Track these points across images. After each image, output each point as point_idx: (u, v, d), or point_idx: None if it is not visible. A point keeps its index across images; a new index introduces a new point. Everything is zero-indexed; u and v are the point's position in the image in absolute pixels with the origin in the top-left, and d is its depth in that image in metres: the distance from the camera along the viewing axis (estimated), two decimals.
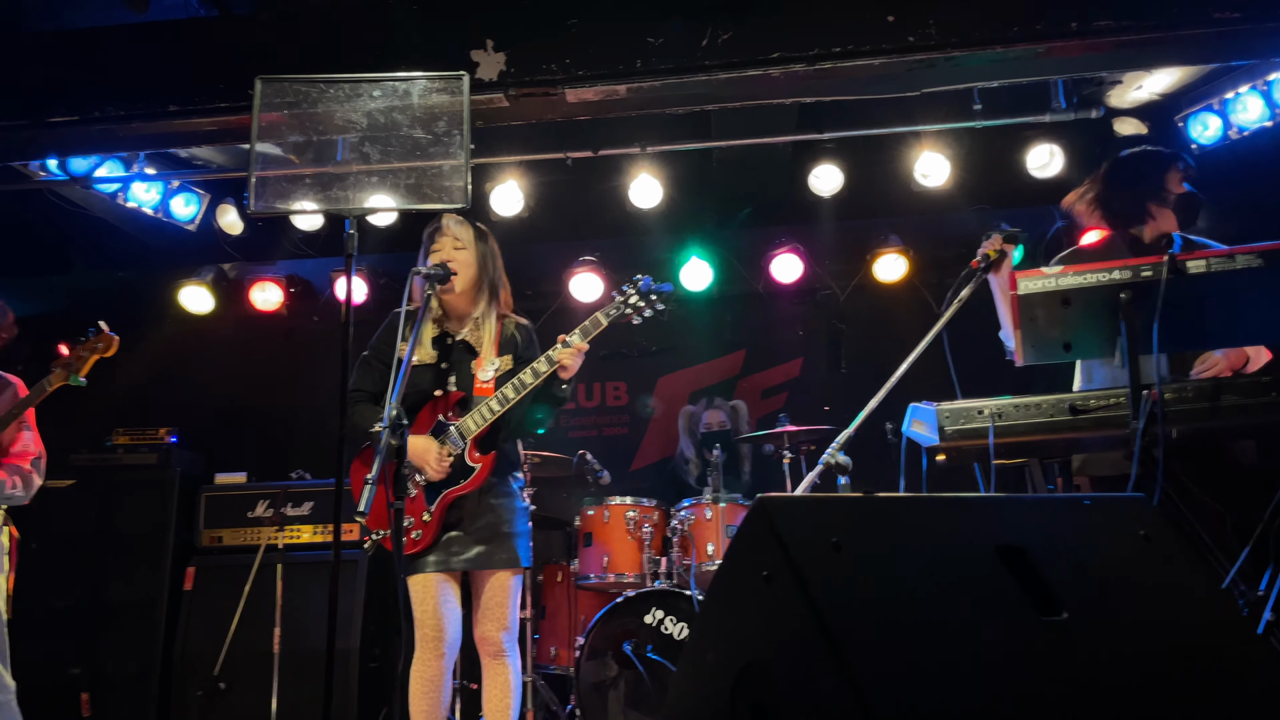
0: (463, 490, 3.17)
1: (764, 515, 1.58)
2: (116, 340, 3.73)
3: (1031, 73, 3.89)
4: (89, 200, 5.41)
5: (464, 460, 3.18)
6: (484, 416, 3.15)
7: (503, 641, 3.17)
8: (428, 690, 3.16)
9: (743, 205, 6.02)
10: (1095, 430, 2.67)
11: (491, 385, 3.20)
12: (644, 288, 3.23)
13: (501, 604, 3.18)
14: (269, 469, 5.51)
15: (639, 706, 4.20)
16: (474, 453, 3.18)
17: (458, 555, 3.17)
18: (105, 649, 4.95)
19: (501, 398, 3.14)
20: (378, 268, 6.12)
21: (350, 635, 4.87)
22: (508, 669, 3.19)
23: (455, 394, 3.25)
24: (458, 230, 3.28)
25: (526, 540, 3.30)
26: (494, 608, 3.17)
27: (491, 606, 3.17)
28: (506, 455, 3.31)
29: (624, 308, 3.24)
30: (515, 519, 3.26)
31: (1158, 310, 2.53)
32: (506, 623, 3.19)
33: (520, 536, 3.25)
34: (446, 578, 3.21)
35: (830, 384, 6.24)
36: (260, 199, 2.86)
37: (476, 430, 3.16)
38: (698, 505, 4.64)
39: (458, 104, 2.86)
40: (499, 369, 3.24)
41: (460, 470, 3.18)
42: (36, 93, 3.95)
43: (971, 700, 1.43)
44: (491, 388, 3.19)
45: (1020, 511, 1.82)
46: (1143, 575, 1.76)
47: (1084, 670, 1.56)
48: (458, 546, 3.18)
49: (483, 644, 3.19)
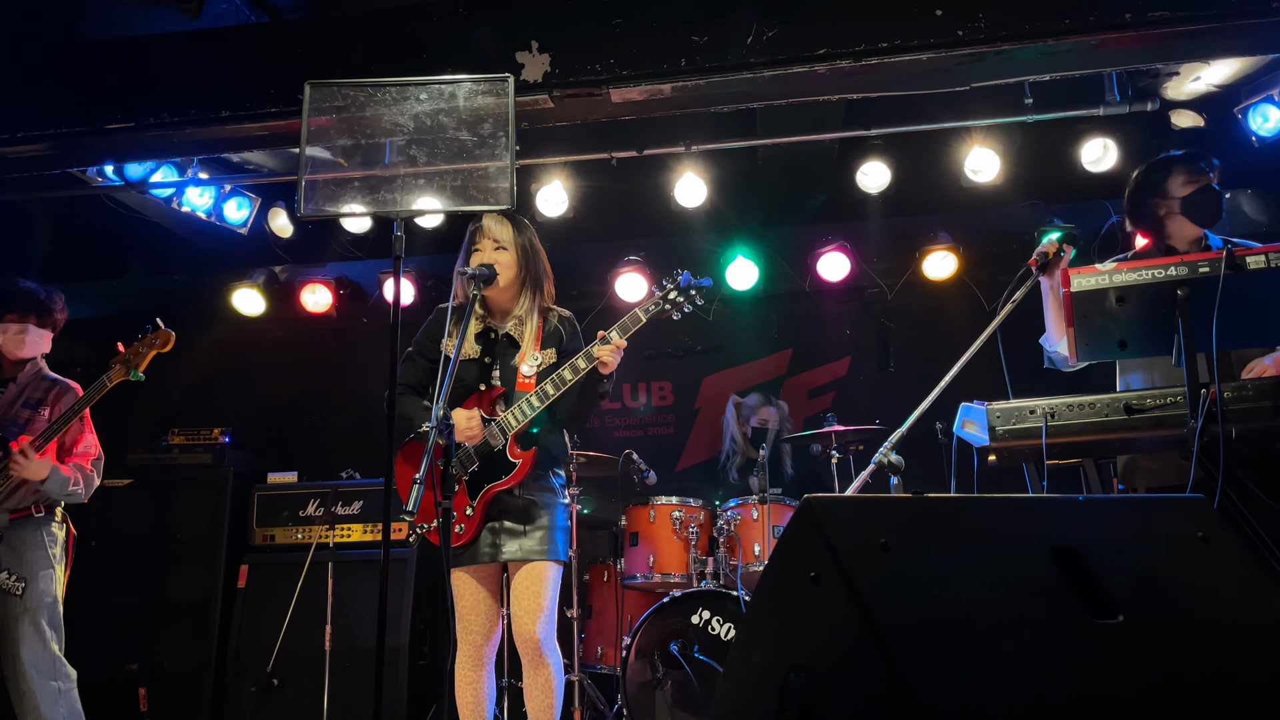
0: (504, 485, 3.18)
1: (811, 516, 1.56)
2: (173, 336, 3.81)
3: (1084, 65, 3.81)
4: (144, 205, 5.53)
5: (505, 455, 3.19)
6: (524, 412, 3.16)
7: (539, 637, 3.14)
8: (471, 684, 3.19)
9: (788, 203, 5.98)
10: (1151, 430, 2.61)
11: (533, 381, 3.22)
12: (684, 283, 3.22)
13: (537, 596, 3.15)
14: (319, 468, 5.59)
15: (686, 707, 4.19)
16: (515, 448, 3.20)
17: (497, 549, 3.19)
18: (162, 645, 5.05)
19: (541, 394, 3.15)
20: (425, 269, 6.17)
21: (400, 633, 4.92)
22: (548, 668, 3.17)
23: (498, 389, 3.26)
24: (497, 230, 3.29)
25: (565, 535, 3.29)
26: (529, 599, 3.15)
27: (526, 599, 3.16)
28: (548, 451, 3.30)
29: (663, 303, 3.23)
30: (554, 513, 3.25)
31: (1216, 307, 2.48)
32: (542, 616, 3.16)
33: (558, 530, 3.25)
34: (487, 572, 3.23)
35: (878, 383, 6.17)
36: (310, 202, 2.89)
37: (517, 426, 3.17)
38: (744, 505, 4.62)
39: (503, 106, 2.87)
40: (541, 363, 3.26)
41: (501, 465, 3.19)
42: (93, 100, 4.05)
43: (1024, 704, 1.41)
44: (533, 383, 3.20)
45: (1073, 512, 1.78)
46: (1201, 577, 1.72)
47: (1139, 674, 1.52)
48: (498, 540, 3.19)
49: (520, 639, 3.17)
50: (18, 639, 3.60)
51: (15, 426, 3.76)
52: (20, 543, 3.70)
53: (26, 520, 3.74)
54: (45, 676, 3.62)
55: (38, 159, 4.27)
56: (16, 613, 3.63)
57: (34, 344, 3.91)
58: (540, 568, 3.18)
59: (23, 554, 3.69)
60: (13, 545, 3.69)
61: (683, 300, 3.23)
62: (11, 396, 3.86)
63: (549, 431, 3.32)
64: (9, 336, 3.87)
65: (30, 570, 3.67)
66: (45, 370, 3.98)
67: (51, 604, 3.71)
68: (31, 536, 3.73)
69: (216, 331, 6.24)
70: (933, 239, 5.75)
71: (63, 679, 3.68)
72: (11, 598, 3.64)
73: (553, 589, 3.21)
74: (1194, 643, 1.60)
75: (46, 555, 3.73)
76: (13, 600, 3.64)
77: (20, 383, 3.90)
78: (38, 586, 3.67)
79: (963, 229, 5.83)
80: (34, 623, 3.63)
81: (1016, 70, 3.77)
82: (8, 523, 3.71)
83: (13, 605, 3.64)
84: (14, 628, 3.62)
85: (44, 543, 3.74)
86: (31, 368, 3.94)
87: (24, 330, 3.87)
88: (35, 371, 3.94)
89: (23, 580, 3.65)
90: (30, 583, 3.66)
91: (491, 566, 3.24)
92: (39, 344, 3.94)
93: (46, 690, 3.60)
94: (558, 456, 3.38)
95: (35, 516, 3.75)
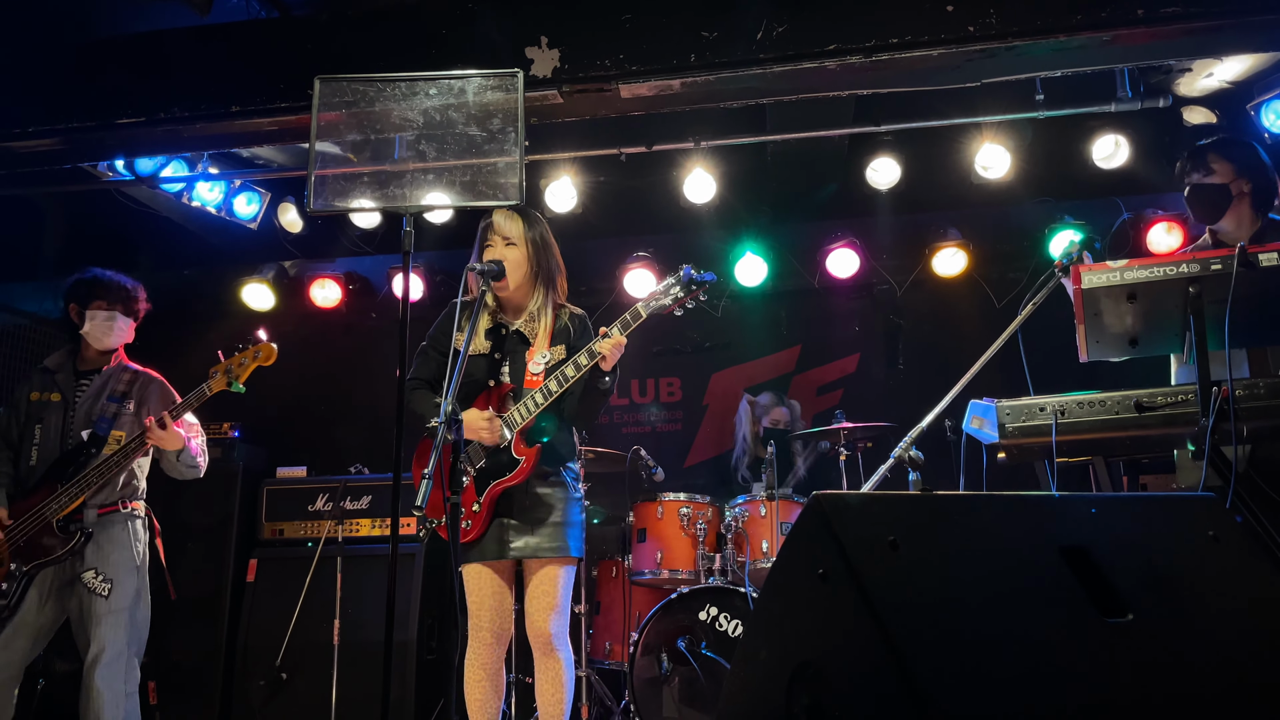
0: (509, 483, 3.18)
1: (820, 513, 1.56)
2: (275, 350, 3.77)
3: (1096, 62, 3.79)
4: (155, 200, 5.54)
5: (510, 453, 3.19)
6: (529, 409, 3.16)
7: (552, 633, 3.15)
8: (481, 680, 3.19)
9: (798, 200, 5.96)
10: (1163, 428, 2.60)
11: (541, 378, 3.22)
12: (685, 278, 3.22)
13: (550, 593, 3.16)
14: (328, 463, 5.60)
15: (693, 703, 4.19)
16: (519, 445, 3.20)
17: (508, 545, 3.18)
18: (171, 638, 5.06)
19: (545, 391, 3.16)
20: (434, 265, 6.18)
21: (408, 627, 4.92)
22: (559, 663, 3.17)
23: (506, 385, 3.27)
24: (508, 227, 3.29)
25: (579, 530, 3.29)
26: (542, 596, 3.16)
27: (539, 596, 3.16)
28: (554, 448, 3.30)
29: (664, 298, 3.23)
30: (567, 508, 3.25)
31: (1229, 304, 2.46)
32: (555, 613, 3.16)
33: (571, 526, 3.24)
34: (498, 568, 3.22)
35: (887, 381, 6.15)
36: (319, 197, 2.89)
37: (522, 423, 3.17)
38: (751, 502, 4.62)
39: (512, 101, 2.87)
40: (550, 360, 3.25)
41: (507, 462, 3.19)
42: (104, 95, 4.06)
43: (1032, 702, 1.40)
44: (541, 380, 3.20)
45: (1083, 511, 1.78)
46: (1211, 576, 1.71)
47: (1149, 673, 1.52)
48: (508, 536, 3.19)
49: (532, 635, 3.17)
50: (100, 639, 3.57)
51: (104, 421, 3.75)
52: (108, 542, 3.68)
53: (114, 516, 3.72)
54: (116, 680, 3.58)
55: (49, 153, 4.28)
56: (100, 613, 3.60)
57: (120, 333, 3.91)
58: (555, 567, 3.18)
59: (110, 554, 3.67)
60: (100, 544, 3.66)
61: (685, 296, 3.23)
62: (96, 389, 3.85)
63: (556, 429, 3.32)
64: (96, 324, 3.85)
65: (116, 571, 3.65)
66: (126, 362, 3.97)
67: (133, 605, 3.68)
68: (119, 535, 3.71)
69: (226, 326, 6.25)
70: (942, 236, 5.74)
71: (130, 684, 3.64)
72: (98, 598, 3.61)
73: (565, 585, 3.21)
74: (1205, 642, 1.59)
75: (132, 555, 3.72)
76: (98, 600, 3.61)
77: (104, 375, 3.88)
78: (122, 589, 3.65)
79: (973, 226, 5.81)
80: (118, 625, 3.60)
81: (1028, 66, 3.75)
82: (96, 519, 3.68)
83: (98, 606, 3.60)
84: (98, 628, 3.58)
85: (129, 542, 3.73)
86: (115, 359, 3.93)
87: (112, 318, 3.87)
88: (118, 364, 3.93)
89: (109, 581, 3.63)
90: (115, 584, 3.64)
91: (502, 563, 3.23)
92: (124, 333, 3.93)
93: (113, 693, 3.57)
94: (565, 454, 3.36)
95: (122, 512, 3.74)
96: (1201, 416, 2.48)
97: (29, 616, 3.62)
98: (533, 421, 3.19)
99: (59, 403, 3.81)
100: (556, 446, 3.31)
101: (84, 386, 3.86)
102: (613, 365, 3.17)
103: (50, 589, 3.66)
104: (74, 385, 3.86)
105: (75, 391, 3.84)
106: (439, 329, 3.42)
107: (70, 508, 3.61)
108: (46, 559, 3.59)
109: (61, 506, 3.59)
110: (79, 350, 3.93)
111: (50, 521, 3.59)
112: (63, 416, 3.79)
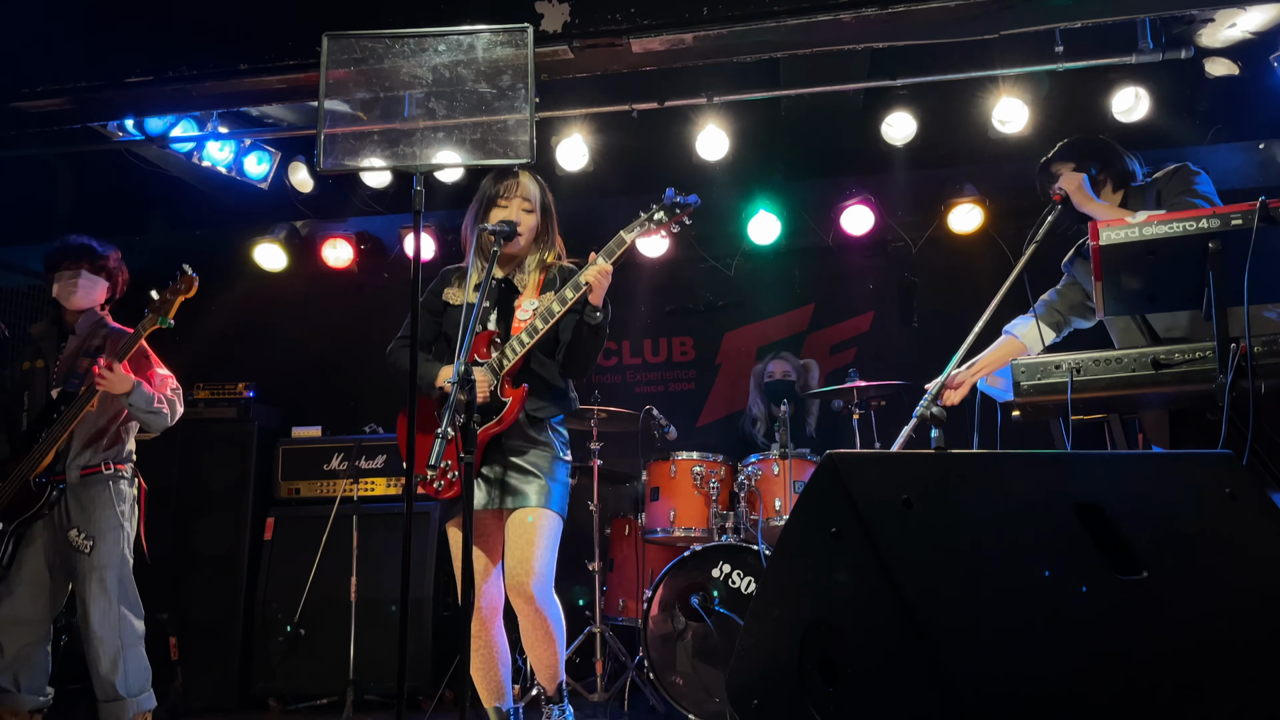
0: (497, 429, 3.11)
1: (833, 471, 1.56)
2: (197, 280, 3.81)
3: (1117, 11, 3.71)
4: (166, 160, 5.53)
5: (497, 396, 3.13)
6: (515, 351, 3.11)
7: (532, 590, 3.03)
8: (481, 641, 3.19)
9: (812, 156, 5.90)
10: (1179, 385, 2.58)
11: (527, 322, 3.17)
12: (668, 200, 3.17)
13: (529, 545, 3.05)
14: (342, 423, 5.63)
15: (707, 658, 4.23)
16: (506, 387, 3.14)
17: (490, 497, 3.13)
18: (191, 595, 5.15)
19: (531, 329, 3.10)
20: (445, 224, 6.16)
21: (424, 585, 4.98)
22: (544, 619, 3.09)
23: (492, 332, 3.22)
24: (531, 190, 3.27)
25: (563, 489, 3.20)
26: (520, 549, 3.05)
27: (518, 548, 3.06)
28: (545, 397, 3.23)
29: (648, 223, 3.18)
30: (553, 465, 3.18)
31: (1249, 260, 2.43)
32: (533, 567, 3.04)
33: (556, 483, 3.16)
34: (482, 523, 3.18)
35: (901, 339, 6.13)
36: (329, 156, 2.88)
37: (509, 365, 3.12)
38: (764, 460, 4.63)
39: (522, 57, 2.84)
40: (539, 308, 3.19)
41: (494, 406, 3.12)
42: (112, 53, 4.03)
43: (1045, 658, 1.40)
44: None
45: (1097, 468, 1.77)
46: (1228, 534, 1.71)
47: (1163, 630, 1.52)
48: (491, 490, 3.14)
49: (512, 592, 3.08)
50: (87, 596, 3.67)
51: (75, 377, 3.81)
52: (90, 501, 3.76)
53: (96, 477, 3.79)
54: (111, 633, 3.69)
55: (58, 113, 4.27)
56: (85, 570, 3.69)
57: (87, 291, 3.94)
58: (533, 515, 3.08)
59: (92, 513, 3.74)
60: (82, 503, 3.75)
61: (668, 219, 3.17)
62: (72, 349, 3.92)
63: (548, 378, 3.26)
64: (62, 284, 3.92)
65: (99, 529, 3.73)
66: (105, 319, 4.02)
67: (119, 563, 3.76)
68: (101, 494, 3.78)
69: (239, 286, 6.27)
70: (958, 192, 5.67)
71: (128, 636, 3.74)
72: (81, 555, 3.70)
73: (547, 540, 3.10)
74: (1219, 599, 1.59)
75: (115, 514, 3.78)
76: (81, 558, 3.70)
77: (79, 334, 3.95)
78: (105, 545, 3.72)
79: (989, 181, 5.74)
80: (101, 581, 3.69)
81: (1047, 17, 3.67)
82: (78, 479, 3.76)
83: (81, 563, 3.70)
84: (83, 585, 3.69)
85: (113, 501, 3.80)
86: (90, 317, 3.98)
87: (75, 276, 3.90)
88: (95, 320, 3.99)
89: (91, 539, 3.71)
90: (98, 541, 3.71)
91: (486, 518, 3.18)
92: (92, 291, 3.96)
93: (110, 646, 3.68)
94: (556, 407, 3.28)
95: (105, 473, 3.80)
96: (1219, 373, 2.45)
97: (40, 576, 3.74)
98: (520, 363, 3.14)
99: (43, 369, 3.91)
100: (546, 397, 3.24)
101: (64, 347, 3.95)
102: (602, 297, 3.09)
103: (53, 549, 3.75)
104: (55, 348, 3.95)
105: (56, 353, 3.94)
106: (431, 290, 3.39)
107: (43, 464, 3.70)
108: (26, 515, 3.69)
109: (35, 464, 3.69)
110: (62, 316, 4.00)
111: (28, 479, 3.69)
112: (45, 379, 3.88)
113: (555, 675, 3.23)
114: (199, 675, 5.01)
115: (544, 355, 3.26)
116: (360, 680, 4.76)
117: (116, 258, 4.05)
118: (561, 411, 3.32)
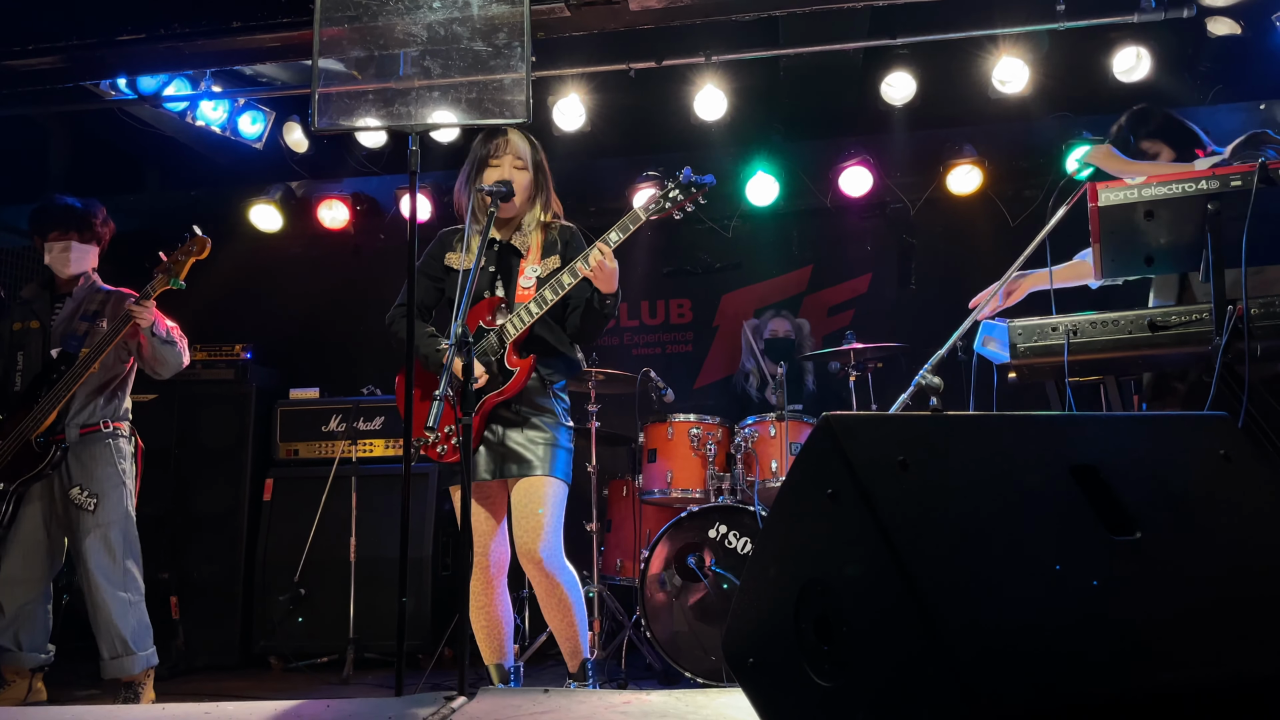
0: (502, 396, 3.09)
1: (830, 433, 1.56)
2: (209, 242, 3.80)
3: None
4: (159, 119, 5.48)
5: (503, 364, 3.11)
6: (522, 320, 3.08)
7: (540, 555, 3.03)
8: (484, 607, 3.19)
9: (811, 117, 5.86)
10: (1176, 347, 2.58)
11: (533, 290, 3.13)
12: (684, 179, 3.14)
13: (535, 513, 3.03)
14: (341, 384, 5.63)
15: (703, 617, 4.28)
16: (513, 356, 3.11)
17: (494, 466, 3.11)
18: (191, 555, 5.18)
19: (540, 299, 3.06)
20: (441, 185, 6.10)
21: (423, 545, 5.02)
22: (559, 585, 3.10)
23: (497, 298, 3.19)
24: (521, 147, 3.22)
25: (567, 456, 3.18)
26: (527, 516, 3.05)
27: (526, 515, 3.06)
28: (551, 365, 3.21)
29: (664, 202, 3.15)
30: (556, 433, 3.15)
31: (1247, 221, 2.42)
32: (544, 533, 3.02)
33: (560, 449, 3.15)
34: (486, 489, 3.16)
35: (899, 301, 6.12)
36: (324, 116, 2.86)
37: (515, 334, 3.09)
38: (761, 423, 4.64)
39: (518, 14, 2.81)
40: (541, 273, 3.16)
41: (500, 374, 3.11)
42: (104, 10, 3.99)
43: (1040, 618, 1.42)
44: (533, 293, 3.11)
45: (1092, 429, 1.77)
46: (1223, 495, 1.72)
47: (1156, 589, 1.53)
48: (494, 456, 3.11)
49: (522, 558, 3.08)
50: (89, 553, 3.69)
51: (74, 339, 3.82)
52: (90, 459, 3.78)
53: (95, 435, 3.81)
54: (116, 588, 3.72)
55: (50, 71, 4.23)
56: (88, 527, 3.71)
57: (79, 259, 3.95)
58: (538, 483, 3.07)
59: (93, 470, 3.76)
60: (83, 461, 3.77)
61: (684, 199, 3.14)
62: (69, 311, 3.92)
63: (555, 344, 3.24)
64: (54, 255, 3.92)
65: (100, 487, 3.75)
66: (98, 282, 4.02)
67: (122, 519, 3.79)
68: (101, 452, 3.80)
69: (235, 248, 6.22)
70: (958, 153, 5.63)
71: (132, 591, 3.78)
72: (84, 513, 3.72)
73: (554, 505, 3.09)
74: (1214, 560, 1.60)
75: (116, 471, 3.81)
76: (85, 515, 3.72)
77: (76, 298, 3.95)
78: (108, 503, 3.75)
79: (989, 142, 5.70)
80: (104, 538, 3.72)
81: None
82: (78, 438, 3.77)
83: (85, 520, 3.72)
84: (84, 542, 3.71)
85: (113, 459, 3.82)
86: (84, 281, 3.98)
87: (67, 248, 3.91)
88: (89, 285, 3.99)
89: (94, 496, 3.73)
90: (101, 499, 3.74)
91: (491, 484, 3.16)
92: (84, 259, 3.97)
93: (117, 601, 3.72)
94: (561, 374, 3.26)
95: (104, 431, 3.82)
96: (1215, 335, 2.45)
97: (37, 535, 3.76)
98: (527, 333, 3.11)
99: (38, 329, 3.91)
100: (553, 365, 3.22)
101: (59, 310, 3.95)
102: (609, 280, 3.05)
103: (52, 508, 3.78)
104: (49, 310, 3.95)
105: (51, 316, 3.94)
106: (429, 254, 3.33)
107: (46, 423, 3.70)
108: (28, 475, 3.71)
109: (38, 424, 3.69)
110: (53, 277, 3.99)
111: (30, 440, 3.70)
112: (42, 341, 3.88)
113: (576, 649, 3.19)
114: (200, 634, 5.05)
115: (552, 320, 3.22)
116: (360, 639, 4.81)
117: (102, 216, 4.04)
118: (570, 374, 3.30)
